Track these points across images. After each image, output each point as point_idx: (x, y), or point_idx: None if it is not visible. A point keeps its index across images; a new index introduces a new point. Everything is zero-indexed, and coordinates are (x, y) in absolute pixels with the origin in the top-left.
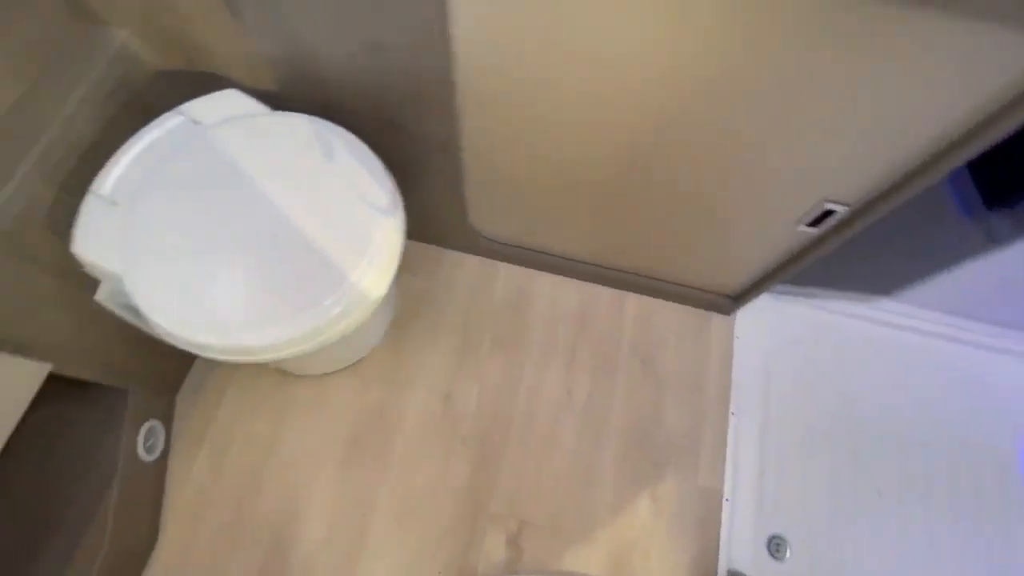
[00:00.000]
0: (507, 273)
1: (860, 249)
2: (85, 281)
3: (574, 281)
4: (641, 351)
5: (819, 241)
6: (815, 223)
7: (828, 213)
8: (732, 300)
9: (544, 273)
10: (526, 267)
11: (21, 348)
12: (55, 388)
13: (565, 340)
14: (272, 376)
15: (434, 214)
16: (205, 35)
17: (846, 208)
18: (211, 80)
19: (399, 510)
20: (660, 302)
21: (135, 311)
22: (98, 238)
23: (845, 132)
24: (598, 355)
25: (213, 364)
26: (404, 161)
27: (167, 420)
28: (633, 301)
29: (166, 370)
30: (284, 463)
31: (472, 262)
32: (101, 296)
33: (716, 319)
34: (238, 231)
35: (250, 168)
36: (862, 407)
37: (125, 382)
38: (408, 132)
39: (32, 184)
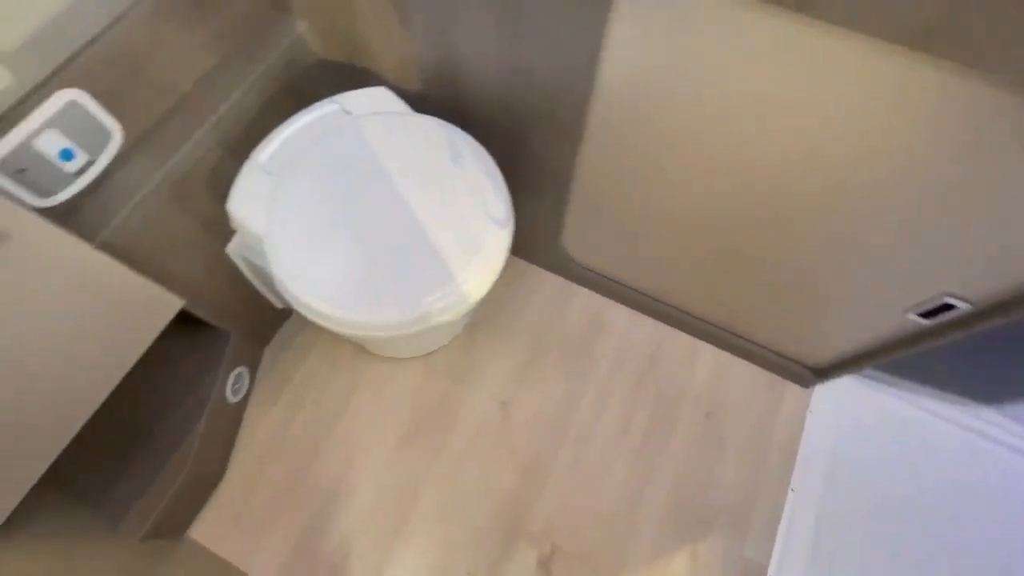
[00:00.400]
0: (586, 298)
1: (973, 349)
2: (220, 233)
3: (651, 320)
4: (707, 404)
5: (929, 334)
6: (929, 315)
7: (946, 307)
8: (814, 373)
9: (623, 306)
10: (606, 296)
11: (165, 281)
12: (174, 322)
13: (631, 376)
14: (350, 349)
15: (530, 229)
16: (370, 35)
17: (968, 306)
18: (364, 75)
19: (441, 504)
20: (736, 359)
21: (255, 267)
22: (249, 200)
23: (979, 229)
24: (662, 398)
25: (302, 326)
26: (517, 174)
27: (254, 369)
28: (708, 352)
29: (262, 323)
30: (345, 433)
31: (554, 281)
32: (231, 249)
33: (792, 388)
34: (367, 215)
35: (387, 161)
36: (936, 517)
37: (228, 327)
38: (530, 150)
39: (204, 147)
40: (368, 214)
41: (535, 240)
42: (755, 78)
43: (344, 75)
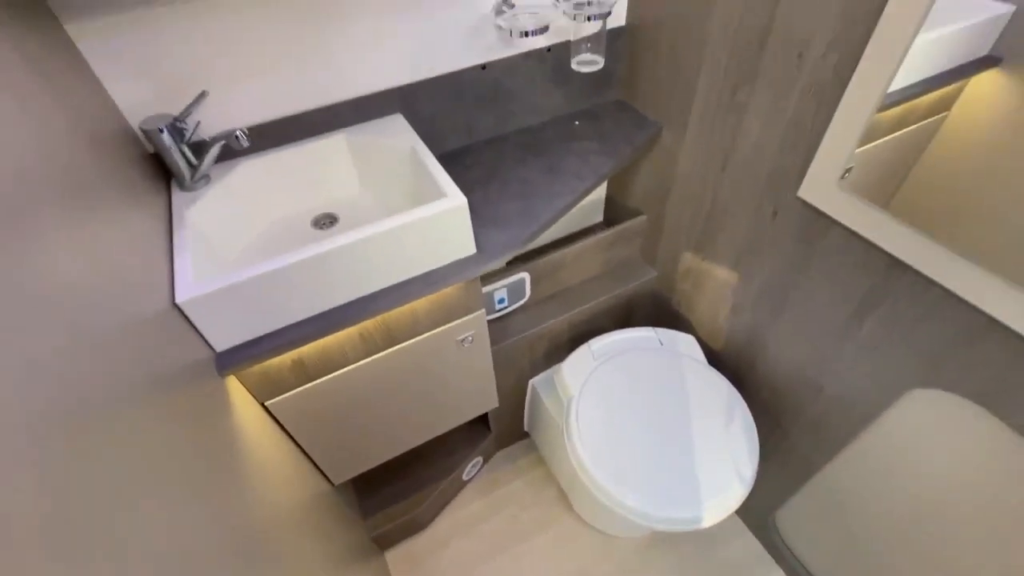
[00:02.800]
0: (771, 564)
1: None
2: (532, 369)
3: None
4: None
5: None
6: None
7: None
8: None
9: None
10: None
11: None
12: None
13: None
14: (554, 491)
15: (756, 489)
16: (703, 302)
17: None
18: (683, 320)
19: None
20: None
21: (538, 401)
22: (574, 369)
23: None
24: None
25: (528, 450)
26: (770, 444)
27: (485, 462)
28: None
29: (509, 434)
30: (519, 557)
31: (750, 542)
32: (535, 381)
33: None
34: (647, 423)
35: (682, 395)
36: None
37: (492, 428)
38: (790, 434)
39: (567, 320)
40: (648, 423)
41: (753, 499)
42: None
43: (669, 313)
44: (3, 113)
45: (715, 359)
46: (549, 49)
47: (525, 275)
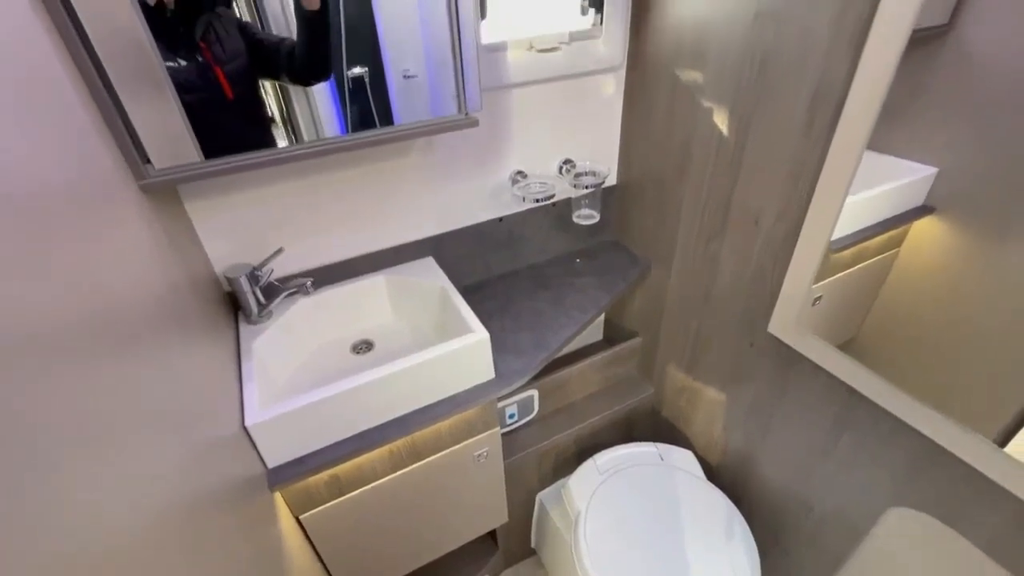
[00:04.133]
0: None
1: None
2: (540, 484)
3: None
4: None
5: None
6: None
7: None
8: None
9: None
10: None
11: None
12: None
13: None
14: None
15: None
16: (697, 421)
17: None
18: (681, 436)
19: None
20: None
21: (545, 516)
22: (580, 484)
23: None
24: None
25: (535, 568)
26: (770, 563)
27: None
28: None
29: (517, 553)
30: None
31: None
32: (542, 495)
33: None
34: (650, 536)
35: (684, 510)
36: None
37: (500, 545)
38: (790, 554)
39: (572, 437)
40: (653, 539)
41: None
42: None
43: (668, 427)
44: (148, 262)
45: (713, 474)
46: (554, 204)
47: (534, 392)
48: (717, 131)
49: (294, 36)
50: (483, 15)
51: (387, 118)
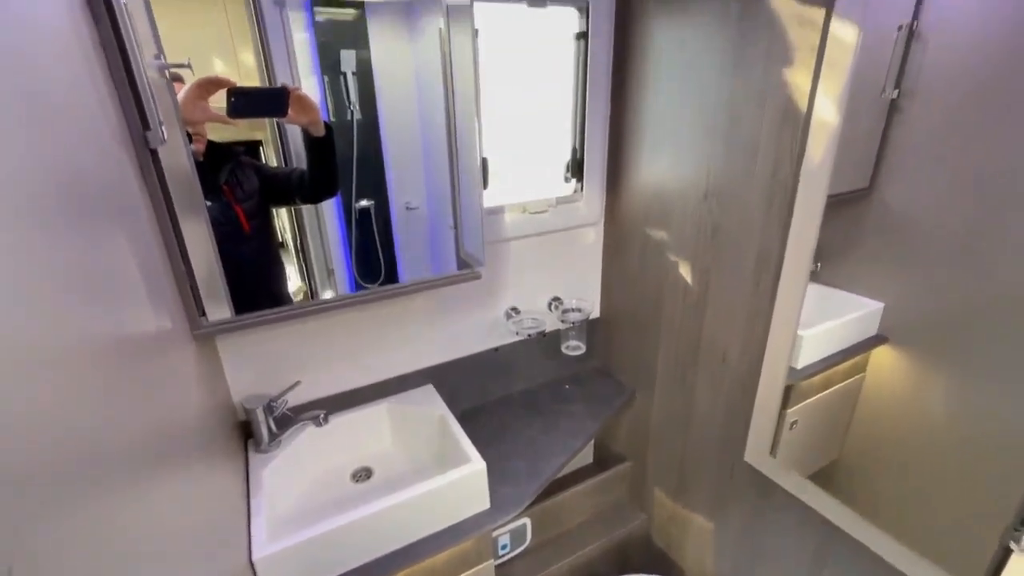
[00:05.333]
0: None
1: None
2: None
3: None
4: None
5: None
6: None
7: None
8: None
9: None
10: None
11: None
12: None
13: None
14: None
15: None
16: (688, 547)
17: None
18: (674, 566)
19: None
20: None
21: None
22: None
23: None
24: None
25: None
26: None
27: None
28: None
29: None
30: None
31: None
32: None
33: None
34: None
35: None
36: None
37: None
38: None
39: (566, 567)
40: None
41: None
42: None
43: (660, 559)
44: (191, 395)
45: None
46: (544, 335)
47: (527, 520)
48: (683, 280)
49: (302, 166)
50: (485, 186)
51: (395, 275)
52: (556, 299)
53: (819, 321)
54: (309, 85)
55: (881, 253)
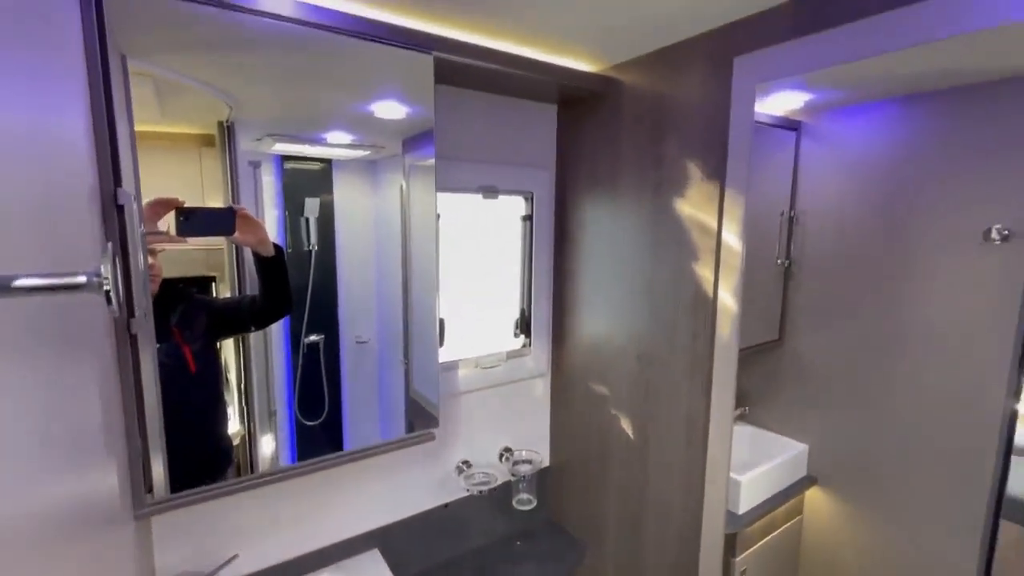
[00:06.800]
0: None
1: None
2: None
3: None
4: None
5: None
6: None
7: None
8: None
9: None
10: None
11: None
12: None
13: None
14: None
15: None
16: None
17: None
18: None
19: None
20: None
21: None
22: None
23: None
24: None
25: None
26: None
27: None
28: None
29: None
30: None
31: None
32: None
33: None
34: None
35: None
36: None
37: None
38: None
39: None
40: None
41: None
42: None
43: None
44: None
45: None
46: (495, 489)
47: None
48: (625, 434)
49: (254, 293)
50: (441, 344)
51: (339, 413)
52: (507, 450)
53: (754, 464)
54: (271, 219)
55: (798, 397)
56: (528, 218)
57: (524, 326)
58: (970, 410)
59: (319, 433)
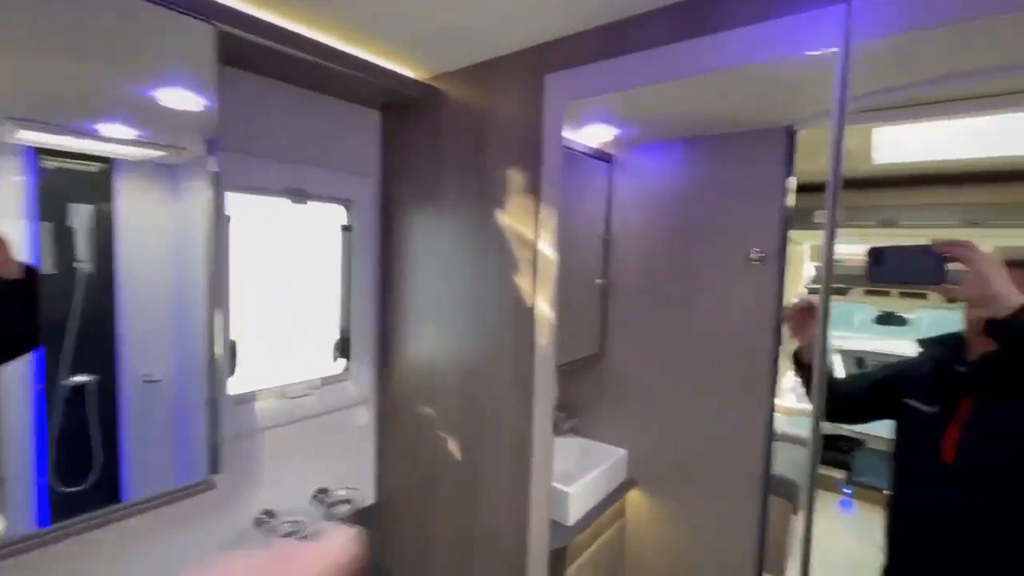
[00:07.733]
0: None
1: None
2: None
3: None
4: None
5: None
6: None
7: None
8: None
9: None
10: None
11: None
12: None
13: None
14: None
15: None
16: None
17: None
18: None
19: None
20: None
21: None
22: None
23: None
24: None
25: None
26: None
27: None
28: None
29: None
30: None
31: None
32: None
33: None
34: None
35: None
36: None
37: None
38: None
39: None
40: None
41: None
42: None
43: None
44: None
45: None
46: (306, 538)
47: None
48: (453, 457)
49: None
50: (232, 371)
51: (116, 472)
52: (322, 490)
53: (582, 474)
54: (17, 231)
55: (617, 406)
56: (348, 228)
57: (344, 348)
58: (744, 407)
59: (89, 500)
